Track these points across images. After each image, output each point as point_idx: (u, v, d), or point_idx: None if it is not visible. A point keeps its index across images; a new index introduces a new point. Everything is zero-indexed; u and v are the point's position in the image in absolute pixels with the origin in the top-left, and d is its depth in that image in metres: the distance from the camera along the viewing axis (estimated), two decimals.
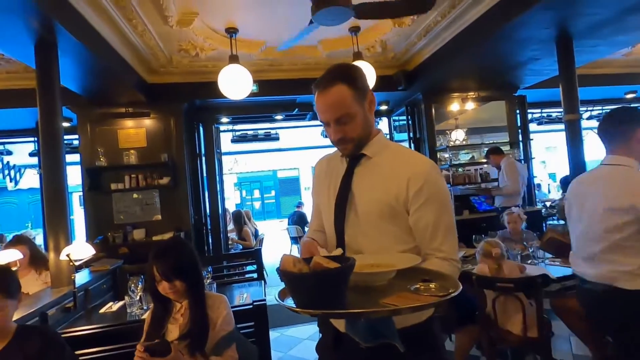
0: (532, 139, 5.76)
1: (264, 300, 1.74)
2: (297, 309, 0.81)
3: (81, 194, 4.24)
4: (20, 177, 7.15)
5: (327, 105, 1.03)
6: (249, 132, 6.59)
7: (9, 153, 6.70)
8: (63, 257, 2.40)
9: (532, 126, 6.65)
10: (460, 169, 5.13)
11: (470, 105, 5.08)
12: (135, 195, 4.24)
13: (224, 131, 6.37)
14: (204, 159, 4.85)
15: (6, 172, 6.92)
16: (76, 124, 4.26)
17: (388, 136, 5.73)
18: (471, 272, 2.24)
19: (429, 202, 1.01)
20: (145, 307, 2.39)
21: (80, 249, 2.50)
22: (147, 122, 4.32)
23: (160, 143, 4.29)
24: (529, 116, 6.07)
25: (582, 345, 2.41)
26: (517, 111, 5.29)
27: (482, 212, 4.64)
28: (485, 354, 2.25)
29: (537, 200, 5.87)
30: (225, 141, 6.67)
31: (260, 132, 6.65)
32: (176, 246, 1.55)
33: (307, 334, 3.51)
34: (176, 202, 4.31)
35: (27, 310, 2.08)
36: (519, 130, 5.28)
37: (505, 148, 4.80)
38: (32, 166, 7.09)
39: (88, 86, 3.75)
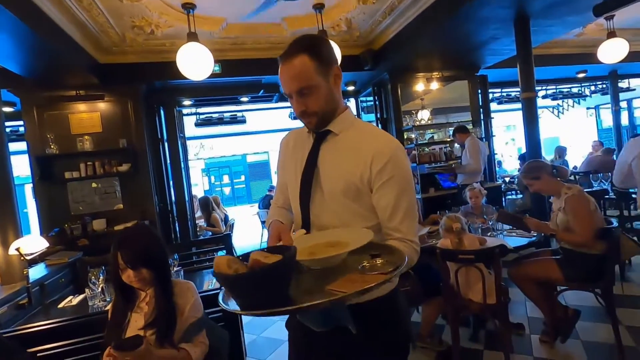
0: (492, 118, 5.99)
1: None
2: (242, 312, 0.80)
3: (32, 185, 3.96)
4: None
5: (288, 76, 1.00)
6: (214, 115, 6.36)
7: None
8: (12, 251, 2.24)
9: (493, 105, 6.92)
10: (426, 149, 5.26)
11: (434, 85, 5.17)
12: (93, 184, 4.01)
13: (188, 114, 6.12)
14: (166, 144, 4.65)
15: None
16: (20, 109, 3.92)
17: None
18: (435, 246, 2.33)
19: (391, 181, 1.01)
20: (108, 299, 2.29)
21: (31, 242, 2.34)
22: (102, 106, 4.05)
23: (117, 128, 4.05)
24: (490, 95, 6.30)
25: (535, 309, 2.60)
26: (479, 91, 5.46)
27: (446, 189, 4.82)
28: (450, 322, 2.37)
29: (497, 176, 6.18)
30: (189, 125, 6.42)
31: (226, 114, 6.43)
32: (141, 233, 1.48)
33: (283, 317, 3.53)
34: (138, 190, 4.12)
35: None
36: (481, 110, 5.47)
37: (468, 127, 4.96)
38: None
39: (31, 67, 3.42)
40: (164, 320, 1.37)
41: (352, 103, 6.25)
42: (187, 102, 5.09)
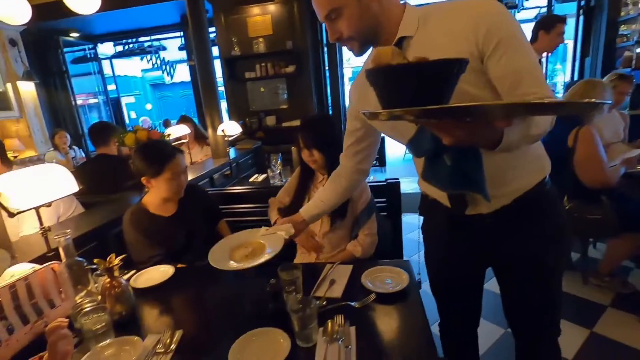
0: None
1: (398, 179, 1.76)
2: (399, 110, 0.59)
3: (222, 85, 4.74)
4: (174, 71, 8.34)
5: (315, 2, 0.90)
6: None
7: (164, 49, 7.72)
8: (219, 132, 2.81)
9: None
10: None
11: None
12: (262, 89, 4.53)
13: None
14: (325, 48, 4.73)
15: (163, 67, 8.13)
16: (212, 16, 4.52)
17: (545, 8, 4.51)
18: None
19: (502, 44, 0.78)
20: (284, 180, 2.74)
21: (230, 126, 2.89)
22: (272, 8, 4.28)
23: (284, 30, 4.29)
24: None
25: None
26: None
27: None
28: None
29: None
30: None
31: None
32: (321, 120, 1.63)
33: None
34: (300, 91, 4.46)
35: (199, 173, 2.61)
36: None
37: None
38: (180, 61, 8.14)
39: None
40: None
41: None
42: None
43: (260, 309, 1.03)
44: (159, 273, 1.34)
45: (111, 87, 7.99)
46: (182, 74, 9.30)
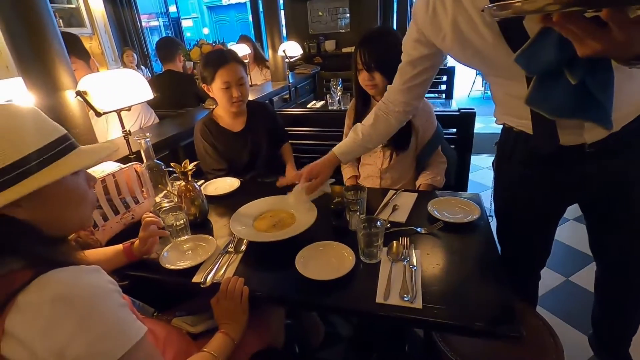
0: None
1: (473, 109, 1.59)
2: None
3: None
4: None
5: None
6: None
7: None
8: (280, 52, 2.71)
9: None
10: None
11: None
12: (321, 13, 4.18)
13: None
14: None
15: None
16: None
17: None
18: None
19: None
20: (343, 107, 2.64)
21: (291, 47, 2.76)
22: None
23: None
24: None
25: None
26: None
27: None
28: None
29: None
30: None
31: None
32: (385, 35, 1.37)
33: (488, 163, 3.38)
34: (364, 14, 4.08)
35: (258, 95, 2.59)
36: None
37: None
38: None
39: None
40: (399, 139, 1.34)
41: None
42: None
43: (323, 226, 1.05)
44: (226, 184, 1.41)
45: (172, 8, 7.95)
46: None
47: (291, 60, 2.75)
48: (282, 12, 4.45)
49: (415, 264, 0.86)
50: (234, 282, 0.85)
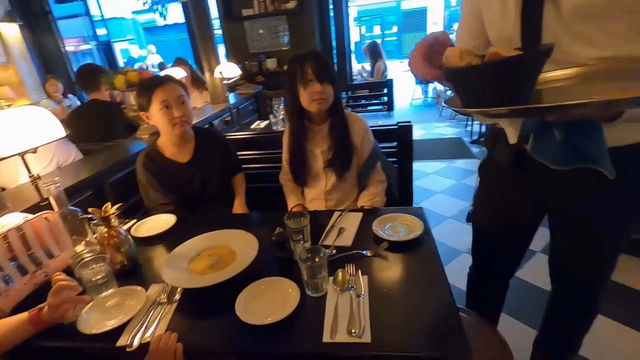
0: None
1: (410, 122, 1.63)
2: (482, 109, 0.59)
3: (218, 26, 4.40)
4: (166, 11, 7.77)
5: None
6: None
7: None
8: (217, 74, 2.63)
9: None
10: None
11: None
12: (261, 31, 4.18)
13: None
14: None
15: (155, 7, 7.56)
16: None
17: None
18: None
19: None
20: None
21: (229, 68, 2.69)
22: None
23: None
24: None
25: None
26: None
27: None
28: None
29: None
30: None
31: None
32: (324, 53, 1.43)
33: (434, 169, 3.52)
34: (303, 31, 4.14)
35: (199, 119, 2.48)
36: None
37: None
38: (172, 0, 7.55)
39: None
40: (342, 150, 1.36)
41: None
42: None
43: (266, 259, 0.99)
44: (161, 222, 1.29)
45: (101, 31, 7.52)
46: (176, 14, 8.67)
47: (230, 81, 2.67)
48: (221, 31, 4.38)
49: (362, 293, 0.83)
50: (166, 340, 0.75)
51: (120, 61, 8.54)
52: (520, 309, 1.68)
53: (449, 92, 5.78)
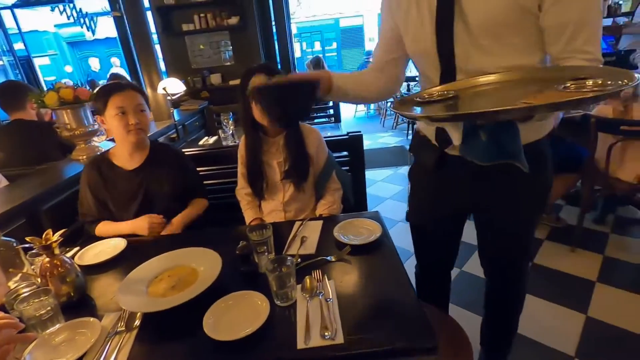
0: None
1: (360, 132, 1.71)
2: (429, 115, 0.72)
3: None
4: (95, 25, 7.27)
5: None
6: None
7: None
8: (160, 90, 2.53)
9: None
10: None
11: None
12: (202, 46, 4.10)
13: None
14: None
15: (81, 20, 7.03)
16: None
17: None
18: (590, 114, 1.96)
19: None
20: (237, 142, 2.58)
21: (172, 84, 2.60)
22: None
23: None
24: None
25: None
26: None
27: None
28: (583, 200, 2.15)
29: None
30: None
31: None
32: (271, 67, 1.40)
33: (382, 176, 3.69)
34: (247, 45, 4.14)
35: None
36: None
37: None
38: (102, 13, 7.10)
39: None
40: (298, 169, 1.39)
41: None
42: None
43: (230, 274, 0.97)
44: (110, 247, 1.21)
45: (18, 45, 6.82)
46: (106, 28, 8.14)
47: (174, 97, 2.58)
48: (159, 46, 4.21)
49: (330, 296, 0.85)
50: None
51: (42, 79, 7.78)
52: (467, 299, 1.82)
53: (388, 104, 6.14)
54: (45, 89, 2.27)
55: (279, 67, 4.61)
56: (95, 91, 1.40)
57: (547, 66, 0.88)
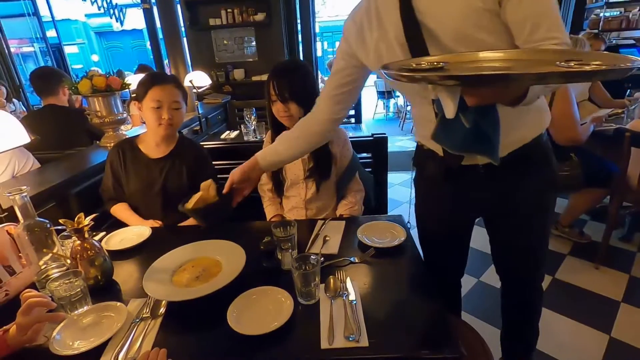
0: None
1: (385, 134, 1.69)
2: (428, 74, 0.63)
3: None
4: (124, 16, 7.43)
5: None
6: None
7: None
8: (187, 82, 2.56)
9: None
10: (615, 12, 3.94)
11: None
12: (226, 41, 4.13)
13: None
14: None
15: (111, 11, 7.20)
16: None
17: None
18: (624, 128, 1.89)
19: None
20: (258, 137, 2.59)
21: (199, 77, 2.64)
22: None
23: None
24: None
25: None
26: None
27: None
28: (610, 217, 2.07)
29: None
30: None
31: None
32: (296, 66, 1.40)
33: (399, 180, 3.66)
34: (271, 42, 4.16)
35: None
36: None
37: None
38: (132, 5, 7.26)
39: None
40: (321, 167, 1.38)
41: None
42: None
43: (253, 269, 0.97)
44: (134, 234, 1.23)
45: (51, 33, 7.04)
46: (134, 20, 8.32)
47: (199, 90, 2.62)
48: (185, 40, 4.27)
49: (354, 298, 0.84)
50: (154, 356, 0.71)
51: (69, 67, 8.04)
52: (485, 311, 1.78)
53: (409, 108, 6.07)
54: (73, 76, 2.33)
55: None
56: (142, 78, 1.41)
57: (544, 48, 0.82)
